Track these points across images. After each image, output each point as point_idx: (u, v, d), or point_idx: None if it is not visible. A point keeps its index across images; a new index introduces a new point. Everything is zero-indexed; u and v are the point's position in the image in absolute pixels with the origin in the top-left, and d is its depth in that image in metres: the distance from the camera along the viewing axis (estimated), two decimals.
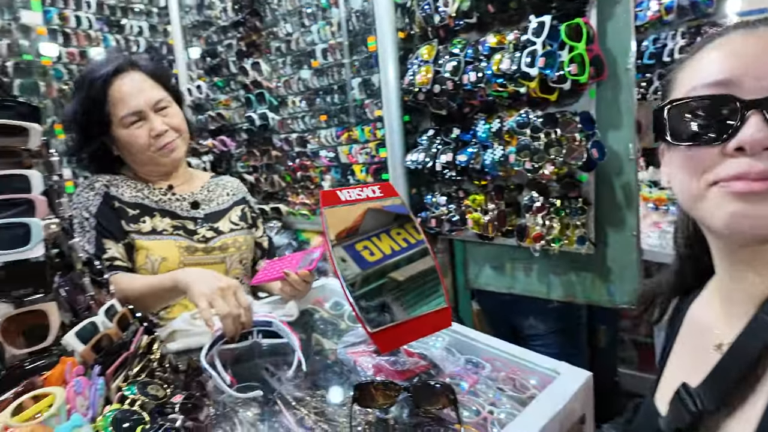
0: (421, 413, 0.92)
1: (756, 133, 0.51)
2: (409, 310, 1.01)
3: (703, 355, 0.65)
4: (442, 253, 2.32)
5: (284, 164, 2.77)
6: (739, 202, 0.54)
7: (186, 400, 0.86)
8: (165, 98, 1.42)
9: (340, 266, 1.00)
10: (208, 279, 1.11)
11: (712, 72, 0.57)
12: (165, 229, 1.40)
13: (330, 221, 1.03)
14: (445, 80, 1.82)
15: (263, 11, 2.71)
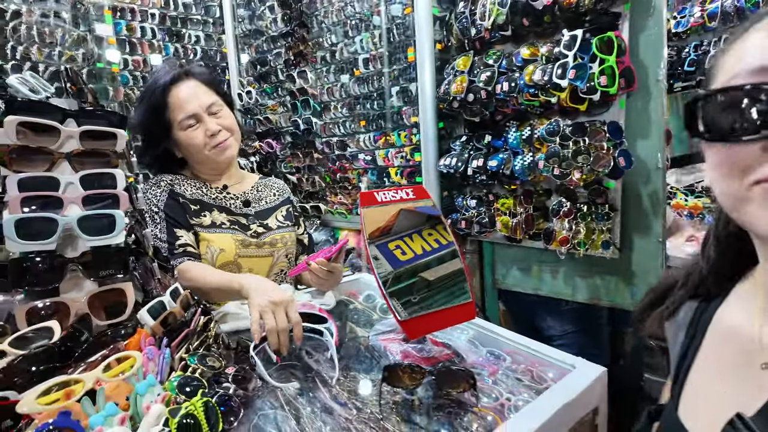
0: (444, 396, 0.99)
1: None
2: (436, 304, 1.08)
3: (746, 373, 0.56)
4: (471, 254, 2.37)
5: (325, 166, 2.88)
6: None
7: (237, 373, 0.96)
8: (217, 102, 1.52)
9: (374, 263, 1.07)
10: (266, 290, 1.17)
11: (756, 56, 0.48)
12: (223, 222, 1.50)
13: (367, 220, 1.10)
14: (479, 89, 1.87)
15: (310, 23, 2.82)
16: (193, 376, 0.85)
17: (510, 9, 1.73)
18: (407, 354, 1.12)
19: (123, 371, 0.71)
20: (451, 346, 1.16)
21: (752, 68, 0.48)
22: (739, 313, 0.62)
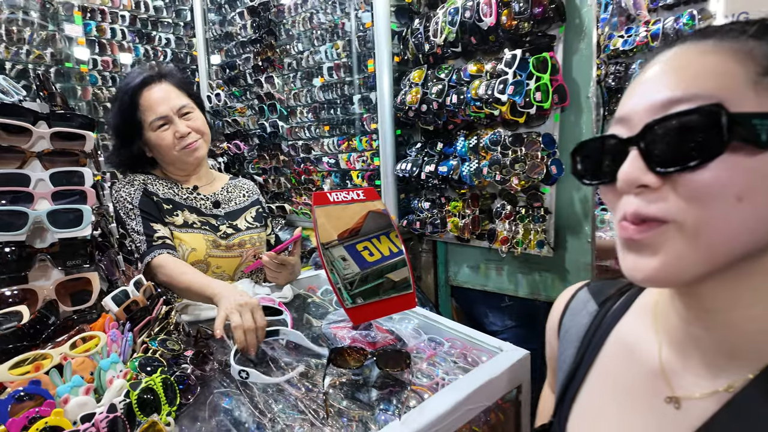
0: (385, 376, 1.09)
1: (627, 170, 0.45)
2: (380, 294, 1.16)
3: (648, 404, 0.52)
4: (427, 253, 2.48)
5: (290, 168, 2.94)
6: (628, 252, 0.47)
7: (195, 356, 1.03)
8: (188, 105, 1.54)
9: (341, 264, 1.12)
10: (234, 296, 1.20)
11: (619, 109, 0.50)
12: (195, 222, 1.52)
13: (319, 219, 1.17)
14: (431, 101, 1.98)
15: (278, 31, 2.88)
16: (154, 357, 0.92)
17: (459, 28, 1.85)
18: (354, 339, 1.20)
19: (89, 349, 0.78)
20: (394, 332, 1.26)
21: (615, 119, 0.50)
22: (642, 329, 0.57)
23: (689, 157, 0.41)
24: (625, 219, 0.46)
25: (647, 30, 3.15)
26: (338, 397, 1.04)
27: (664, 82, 0.45)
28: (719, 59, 0.44)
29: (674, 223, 0.43)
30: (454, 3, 1.85)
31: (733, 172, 0.40)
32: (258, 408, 0.98)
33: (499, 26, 1.71)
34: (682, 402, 0.49)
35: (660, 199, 0.43)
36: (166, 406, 0.81)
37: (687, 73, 0.44)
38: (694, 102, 0.42)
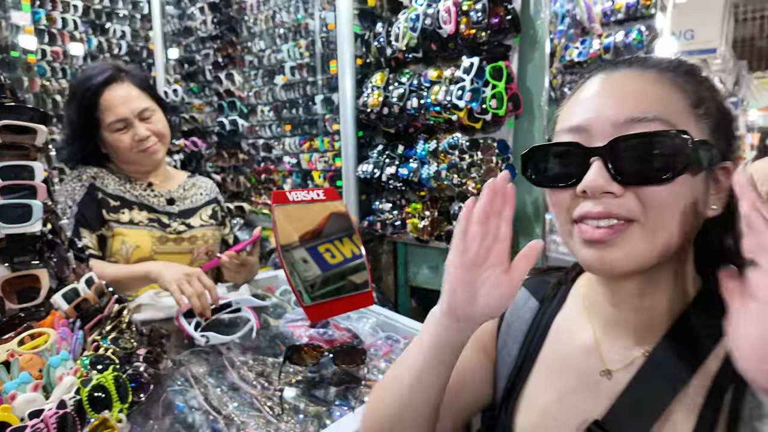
0: (341, 372, 1.11)
1: (594, 179, 0.51)
2: (338, 292, 1.18)
3: (585, 381, 0.60)
4: (387, 254, 2.52)
5: (250, 167, 2.92)
6: (589, 248, 0.53)
7: (149, 354, 1.02)
8: (150, 107, 1.51)
9: (301, 266, 1.13)
10: (175, 268, 1.28)
11: (571, 118, 0.56)
12: (141, 221, 1.50)
13: (278, 218, 1.18)
14: (392, 104, 2.03)
15: (239, 28, 2.86)
16: (106, 355, 0.91)
17: (421, 34, 1.90)
18: (312, 338, 1.23)
19: (37, 346, 0.77)
20: (351, 330, 1.29)
21: (566, 127, 0.56)
22: (577, 318, 0.65)
23: (657, 173, 0.49)
24: (587, 217, 0.52)
25: (600, 43, 3.33)
26: (295, 394, 1.06)
27: (622, 102, 0.52)
28: (665, 89, 0.52)
29: (638, 223, 0.51)
30: (416, 9, 1.91)
31: (683, 186, 0.50)
32: (213, 406, 0.99)
33: (458, 34, 1.78)
34: (613, 373, 0.58)
35: (624, 204, 0.51)
36: (117, 404, 0.81)
37: (644, 98, 0.52)
38: (654, 123, 0.50)
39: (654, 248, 0.51)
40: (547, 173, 0.57)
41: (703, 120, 0.53)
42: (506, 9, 1.69)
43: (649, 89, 0.52)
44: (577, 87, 0.60)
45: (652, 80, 0.53)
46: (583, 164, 0.52)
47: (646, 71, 0.54)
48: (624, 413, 0.54)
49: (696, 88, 0.54)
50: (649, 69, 0.54)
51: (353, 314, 1.47)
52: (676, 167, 0.49)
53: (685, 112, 0.52)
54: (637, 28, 3.18)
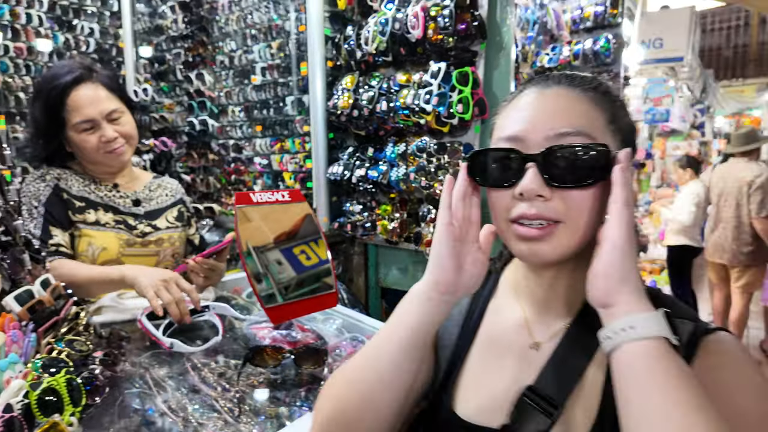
0: (303, 373, 1.12)
1: (530, 183, 0.57)
2: (301, 294, 1.18)
3: (518, 354, 0.67)
4: (358, 255, 2.53)
5: (220, 167, 2.90)
6: (524, 243, 0.60)
7: (106, 357, 1.01)
8: (119, 108, 1.48)
9: (276, 268, 1.12)
10: (151, 273, 1.25)
11: (507, 128, 0.63)
12: (108, 222, 1.47)
13: (241, 219, 1.15)
14: (362, 107, 2.05)
15: (211, 28, 2.84)
16: (59, 358, 0.90)
17: (390, 38, 1.93)
18: (275, 339, 1.23)
19: None
20: (315, 331, 1.30)
21: (504, 136, 0.63)
22: (508, 302, 0.73)
23: (582, 179, 0.58)
24: (522, 217, 0.60)
25: (570, 50, 3.42)
26: (256, 395, 1.06)
27: (554, 117, 0.60)
28: (587, 106, 0.61)
29: (563, 224, 0.59)
30: (385, 14, 1.93)
31: (599, 191, 0.59)
32: (171, 408, 0.99)
33: (426, 39, 1.81)
34: (540, 345, 0.66)
35: (552, 206, 0.59)
36: (69, 407, 0.80)
37: (571, 114, 0.60)
38: (580, 137, 0.58)
39: (574, 243, 0.60)
40: (489, 175, 0.63)
41: (616, 134, 0.62)
42: (473, 15, 1.72)
43: (576, 106, 0.61)
44: (512, 97, 0.67)
45: (578, 98, 0.61)
46: (520, 169, 0.60)
47: (573, 90, 0.62)
48: (551, 377, 0.62)
49: (611, 106, 0.63)
50: (575, 87, 0.62)
51: (319, 316, 1.47)
52: (596, 175, 0.58)
53: (603, 127, 0.61)
54: (605, 36, 3.27)
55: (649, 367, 0.49)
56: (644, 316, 0.52)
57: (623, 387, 0.51)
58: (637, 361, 0.50)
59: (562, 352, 0.63)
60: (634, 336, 0.51)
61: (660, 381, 0.48)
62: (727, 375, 0.56)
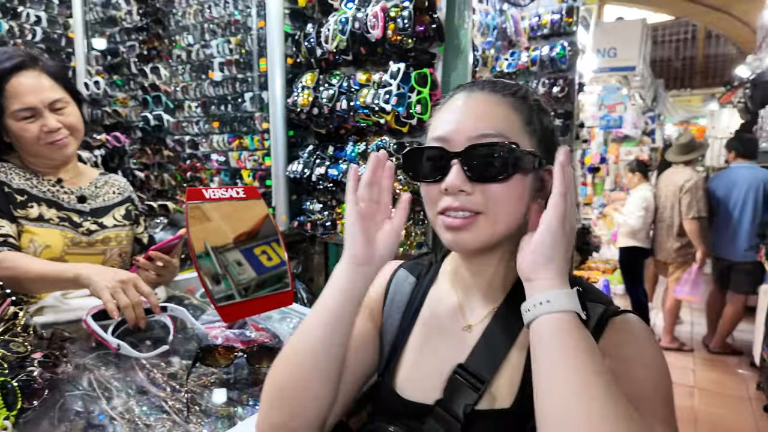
0: (256, 372, 1.11)
1: (454, 179, 0.64)
2: (255, 292, 1.17)
3: (452, 336, 0.73)
4: (319, 255, 2.52)
5: (175, 164, 2.82)
6: (449, 232, 0.67)
7: (46, 358, 0.97)
8: (63, 98, 1.41)
9: (235, 269, 1.10)
10: (108, 273, 1.17)
11: (438, 129, 0.69)
12: (51, 218, 1.41)
13: (192, 216, 1.10)
14: (322, 105, 2.04)
15: (167, 20, 2.76)
16: None
17: (350, 37, 1.93)
18: (228, 339, 1.21)
19: None
20: (270, 330, 1.28)
21: (433, 136, 0.69)
22: (445, 296, 0.79)
23: (497, 174, 0.65)
24: (448, 210, 0.67)
25: (528, 56, 3.52)
26: (206, 395, 1.05)
27: (476, 120, 0.67)
28: (506, 110, 0.68)
29: (483, 215, 0.66)
30: (345, 12, 1.93)
31: (516, 185, 0.66)
32: (117, 410, 0.96)
33: (386, 40, 1.82)
34: (472, 327, 0.73)
35: (473, 199, 0.66)
36: (3, 411, 0.77)
37: (491, 117, 0.67)
38: (497, 137, 0.65)
39: (495, 232, 0.67)
40: (420, 171, 0.70)
41: (532, 135, 0.69)
42: (431, 18, 1.75)
43: (496, 110, 0.68)
44: (445, 101, 0.73)
45: (498, 102, 0.68)
46: (446, 166, 0.66)
47: (495, 95, 0.69)
48: (480, 357, 0.68)
49: (528, 110, 0.70)
50: (496, 93, 0.69)
51: (275, 315, 1.46)
52: (510, 170, 0.65)
53: (520, 128, 0.68)
54: (561, 44, 3.39)
55: (558, 337, 0.56)
56: (560, 292, 0.58)
57: (536, 354, 0.57)
58: (549, 332, 0.56)
59: (490, 332, 0.70)
60: (549, 309, 0.57)
61: (565, 349, 0.55)
62: (629, 350, 0.64)
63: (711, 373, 3.76)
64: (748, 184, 3.76)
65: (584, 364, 0.53)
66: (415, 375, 0.75)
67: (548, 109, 0.73)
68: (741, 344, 4.08)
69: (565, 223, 0.60)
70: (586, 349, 0.55)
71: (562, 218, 0.60)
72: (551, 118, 0.74)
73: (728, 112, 8.79)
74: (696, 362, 3.96)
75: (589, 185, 5.65)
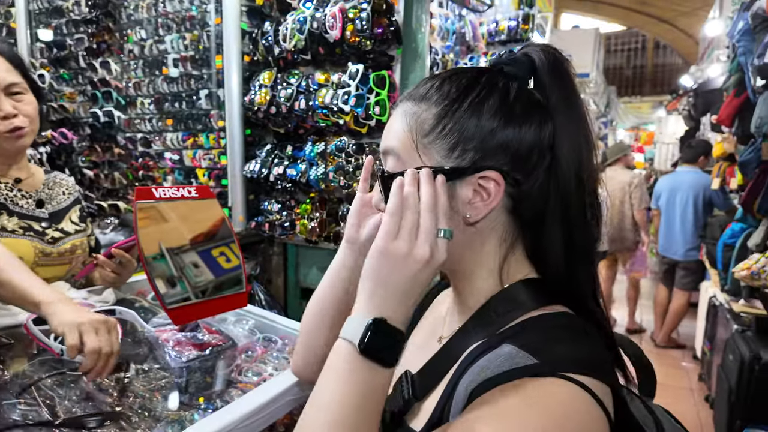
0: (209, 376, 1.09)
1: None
2: (208, 293, 1.14)
3: (429, 342, 0.74)
4: (278, 256, 2.49)
5: (127, 162, 2.72)
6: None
7: None
8: (21, 84, 1.28)
9: (191, 271, 1.07)
10: (81, 311, 0.98)
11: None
12: (15, 229, 1.30)
13: (141, 216, 1.07)
14: (280, 104, 2.03)
15: (118, 13, 2.67)
16: None
17: (309, 37, 1.93)
18: (179, 342, 1.19)
19: None
20: (223, 332, 1.26)
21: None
22: (443, 304, 0.81)
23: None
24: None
25: (486, 61, 3.61)
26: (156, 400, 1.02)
27: (385, 136, 0.66)
28: (405, 124, 0.63)
29: None
30: (303, 12, 1.93)
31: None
32: (58, 417, 0.92)
33: (344, 40, 1.83)
34: (442, 339, 0.71)
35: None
36: None
37: (392, 134, 0.65)
38: (390, 155, 0.64)
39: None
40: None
41: (437, 143, 0.61)
42: (389, 20, 1.77)
43: (396, 126, 0.64)
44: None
45: (403, 114, 0.64)
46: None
47: (407, 103, 0.64)
48: (429, 370, 0.67)
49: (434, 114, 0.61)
50: (411, 101, 0.64)
51: (231, 317, 1.44)
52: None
53: (414, 145, 0.61)
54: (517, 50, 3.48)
55: (328, 364, 0.56)
56: (352, 317, 0.57)
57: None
58: (330, 356, 0.57)
59: (447, 347, 0.67)
60: (341, 333, 0.56)
61: (325, 373, 0.56)
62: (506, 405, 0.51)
63: (658, 366, 3.91)
64: (691, 187, 4.04)
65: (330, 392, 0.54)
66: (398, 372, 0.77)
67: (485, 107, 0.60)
68: (685, 338, 4.32)
69: (393, 244, 0.55)
70: (337, 379, 0.54)
71: (387, 239, 0.56)
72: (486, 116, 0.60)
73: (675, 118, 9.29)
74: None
75: None
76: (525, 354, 0.53)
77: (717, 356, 2.96)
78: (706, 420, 2.92)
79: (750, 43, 2.57)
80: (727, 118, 2.97)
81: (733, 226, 2.97)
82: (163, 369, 1.11)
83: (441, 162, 0.60)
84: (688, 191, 4.04)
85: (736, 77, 2.91)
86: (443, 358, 0.65)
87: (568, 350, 0.54)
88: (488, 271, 0.65)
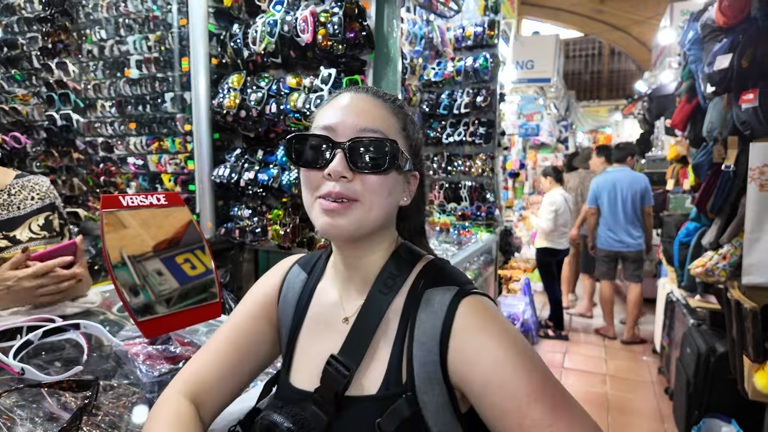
0: None
1: (337, 166, 0.69)
2: (180, 305, 1.11)
3: (333, 328, 0.78)
4: (248, 262, 2.44)
5: (87, 168, 2.60)
6: (326, 215, 0.71)
7: None
8: None
9: (155, 279, 1.03)
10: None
11: (324, 119, 0.74)
12: None
13: (107, 225, 1.03)
14: (250, 108, 1.98)
15: (75, 13, 2.54)
16: None
17: (279, 40, 1.90)
18: (150, 355, 1.14)
19: None
20: (196, 344, 1.22)
21: (320, 125, 0.74)
22: (330, 288, 0.84)
23: (377, 166, 0.70)
24: (328, 196, 0.70)
25: (453, 66, 3.65)
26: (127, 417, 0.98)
27: (360, 115, 0.73)
28: (385, 112, 0.75)
29: (359, 202, 0.71)
30: (274, 15, 1.89)
31: (390, 180, 0.73)
32: None
33: (316, 44, 1.81)
34: (348, 318, 0.77)
35: (352, 187, 0.70)
36: None
37: (374, 115, 0.73)
38: (378, 134, 0.71)
39: (368, 219, 0.72)
40: (304, 157, 0.74)
41: (406, 139, 0.77)
42: (361, 25, 1.76)
43: (377, 111, 0.75)
44: (331, 98, 0.79)
45: (380, 106, 0.76)
46: (330, 154, 0.71)
47: (377, 99, 0.76)
48: (350, 346, 0.73)
49: (404, 118, 0.78)
50: (378, 98, 0.77)
51: (203, 328, 1.39)
52: (390, 164, 0.71)
53: (397, 131, 0.76)
54: (484, 55, 3.55)
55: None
56: None
57: None
58: None
59: (358, 324, 0.74)
60: None
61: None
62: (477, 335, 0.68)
63: (620, 361, 4.11)
64: (629, 184, 4.36)
65: None
66: (303, 366, 0.81)
67: (418, 124, 0.83)
68: (645, 334, 4.50)
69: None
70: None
71: None
72: (420, 131, 0.82)
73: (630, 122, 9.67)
74: (607, 352, 4.31)
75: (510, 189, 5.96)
76: (445, 288, 0.72)
77: (675, 350, 3.09)
78: (667, 411, 3.04)
79: (700, 51, 2.70)
80: (680, 122, 3.11)
81: (688, 225, 3.10)
82: (133, 384, 1.06)
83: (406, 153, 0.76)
84: (627, 188, 4.35)
85: (687, 84, 3.05)
86: (364, 326, 0.74)
87: (458, 278, 0.75)
88: (389, 244, 0.79)
